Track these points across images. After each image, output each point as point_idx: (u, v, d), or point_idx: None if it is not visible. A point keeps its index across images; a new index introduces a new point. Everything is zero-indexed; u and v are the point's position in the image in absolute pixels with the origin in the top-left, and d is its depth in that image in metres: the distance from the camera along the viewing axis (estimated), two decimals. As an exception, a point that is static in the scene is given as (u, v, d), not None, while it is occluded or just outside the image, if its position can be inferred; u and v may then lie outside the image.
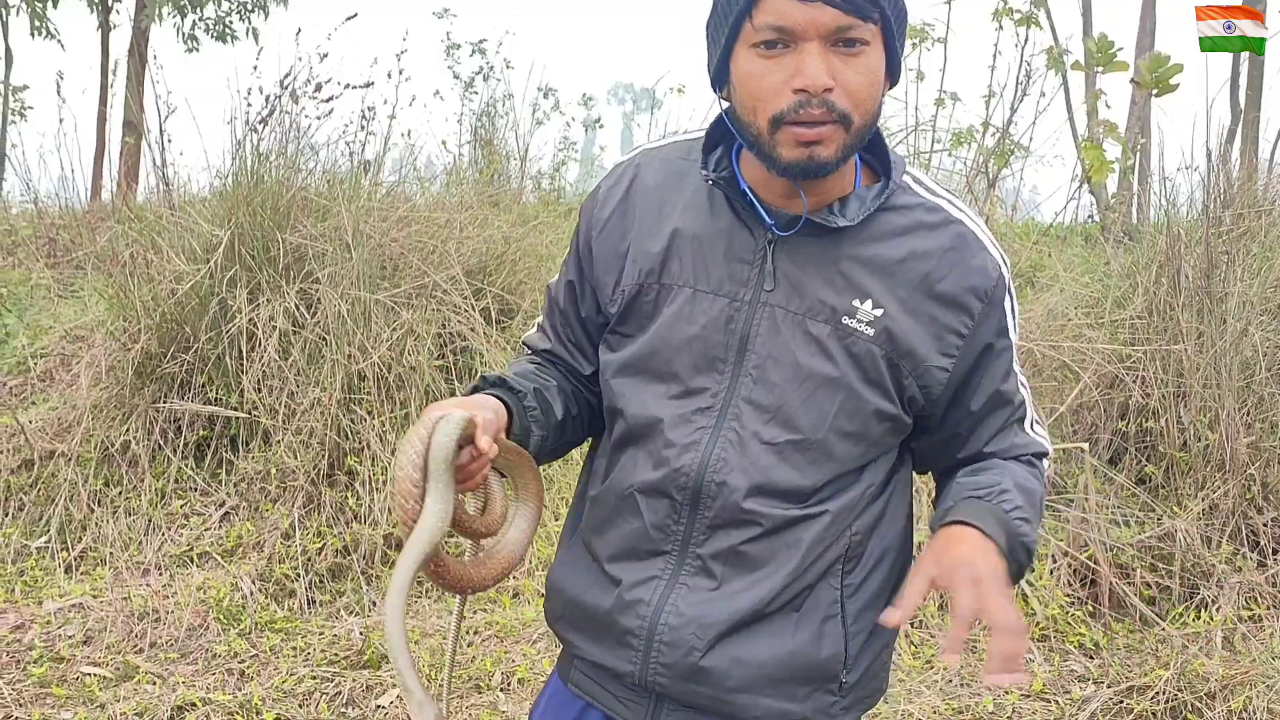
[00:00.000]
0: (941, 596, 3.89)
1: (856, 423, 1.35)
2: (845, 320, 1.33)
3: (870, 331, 1.33)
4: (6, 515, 4.61)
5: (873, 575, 1.42)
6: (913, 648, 3.70)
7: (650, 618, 1.40)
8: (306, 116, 5.91)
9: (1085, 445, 3.98)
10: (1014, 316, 1.40)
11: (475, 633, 3.81)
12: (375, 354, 4.47)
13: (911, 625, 3.80)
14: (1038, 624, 3.77)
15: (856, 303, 1.33)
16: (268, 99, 5.92)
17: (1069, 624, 3.78)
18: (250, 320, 4.65)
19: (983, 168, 6.51)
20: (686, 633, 1.38)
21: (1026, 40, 6.45)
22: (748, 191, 1.35)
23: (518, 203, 6.09)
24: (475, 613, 3.97)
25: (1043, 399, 4.14)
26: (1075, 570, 3.92)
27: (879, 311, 1.33)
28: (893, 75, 1.33)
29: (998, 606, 1.16)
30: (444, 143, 6.50)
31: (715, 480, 1.36)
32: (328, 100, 6.03)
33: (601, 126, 8.94)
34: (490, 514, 1.38)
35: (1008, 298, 1.38)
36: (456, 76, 6.92)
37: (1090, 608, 3.87)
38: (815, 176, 1.28)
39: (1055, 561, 3.94)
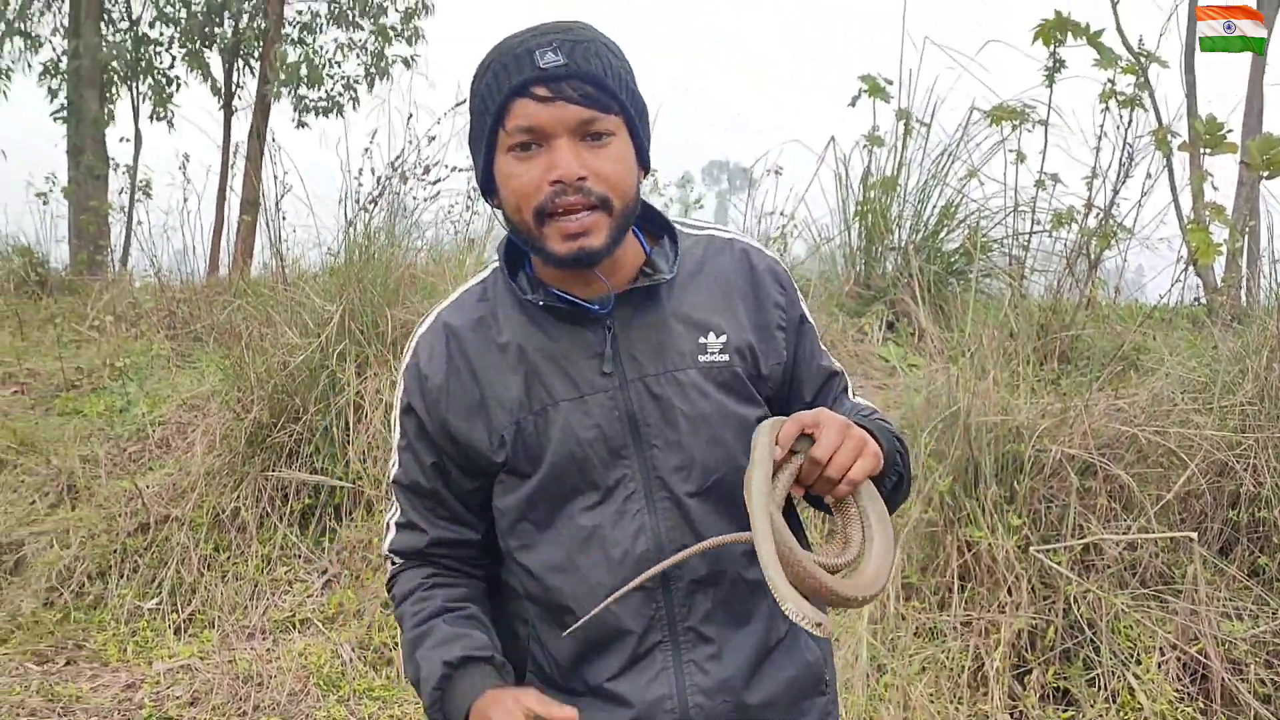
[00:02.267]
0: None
1: (747, 440, 1.40)
2: (702, 358, 1.44)
3: (724, 358, 1.45)
4: (122, 577, 4.79)
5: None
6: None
7: (678, 708, 1.44)
8: (414, 198, 6.15)
9: (1194, 535, 3.87)
10: (804, 302, 1.55)
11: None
12: (476, 427, 4.57)
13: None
14: (1145, 718, 3.65)
15: (702, 340, 1.45)
16: (378, 180, 6.18)
17: (1178, 720, 3.65)
18: (357, 393, 4.81)
19: (1084, 249, 6.44)
20: (719, 703, 1.44)
21: (1130, 122, 6.41)
22: (562, 295, 1.44)
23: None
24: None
25: (1148, 486, 4.04)
26: (1185, 664, 3.78)
27: (723, 338, 1.45)
28: (643, 163, 1.44)
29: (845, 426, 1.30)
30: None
31: (674, 550, 1.41)
32: (434, 182, 6.27)
33: (700, 207, 9.09)
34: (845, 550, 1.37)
35: (795, 290, 1.55)
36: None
37: (1201, 704, 3.73)
38: (592, 265, 1.38)
39: (1164, 655, 3.81)
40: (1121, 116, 6.43)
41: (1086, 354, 5.75)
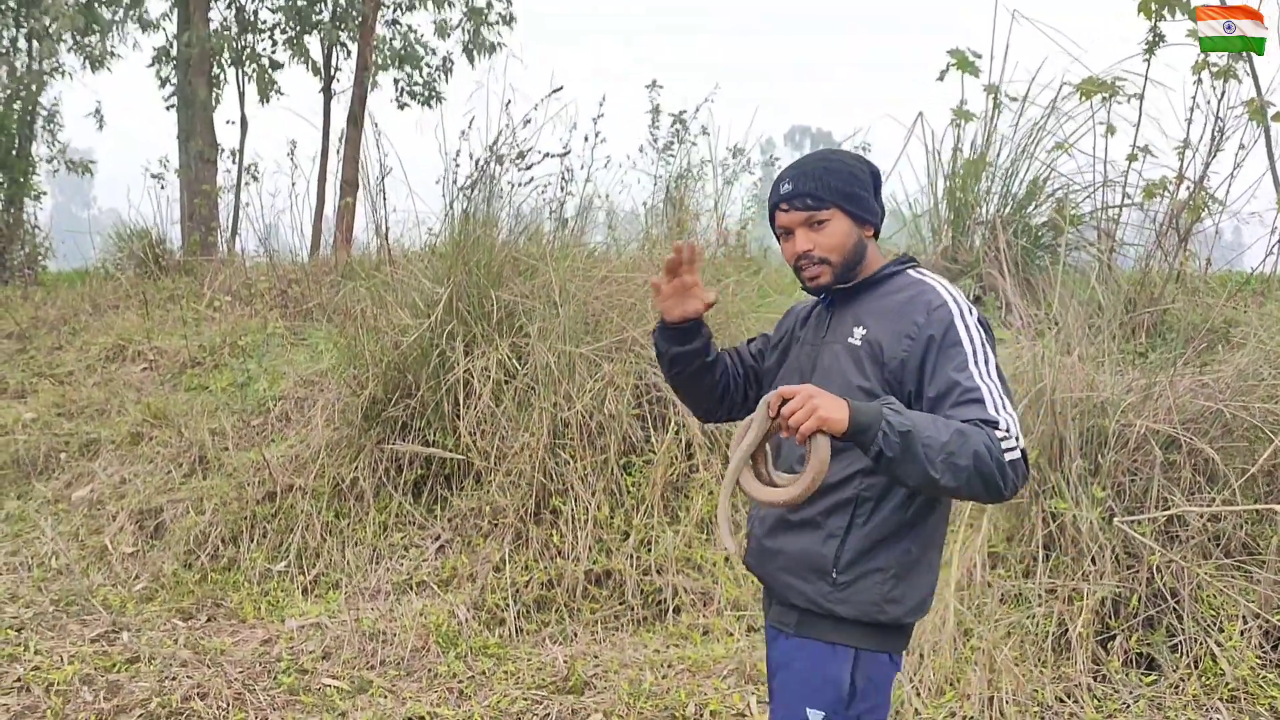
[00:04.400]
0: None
1: (848, 391, 2.10)
2: (849, 340, 2.17)
3: (859, 343, 2.16)
4: (253, 541, 5.18)
5: (873, 525, 2.11)
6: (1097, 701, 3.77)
7: (750, 519, 2.31)
8: (510, 183, 6.39)
9: (1278, 507, 3.97)
10: (969, 332, 2.08)
11: (669, 666, 4.09)
12: (579, 403, 4.84)
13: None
14: (1227, 685, 3.77)
15: (855, 329, 2.18)
16: (477, 163, 6.44)
17: (1260, 686, 3.77)
18: (466, 370, 5.10)
19: (1174, 222, 6.45)
20: (760, 527, 2.26)
21: (1223, 94, 6.38)
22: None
23: (711, 263, 6.42)
24: (669, 648, 4.24)
25: (1232, 460, 4.14)
26: (1267, 632, 3.90)
27: (864, 331, 2.16)
28: (868, 225, 2.23)
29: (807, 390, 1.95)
30: (645, 204, 6.89)
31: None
32: (528, 167, 6.50)
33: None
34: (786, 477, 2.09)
35: (958, 317, 2.09)
36: (655, 141, 7.33)
37: (1283, 671, 3.84)
38: (823, 292, 2.25)
39: (1246, 623, 3.92)
40: (1215, 88, 6.41)
41: (1176, 328, 5.80)
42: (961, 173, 7.15)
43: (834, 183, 2.19)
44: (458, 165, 6.38)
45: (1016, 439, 1.98)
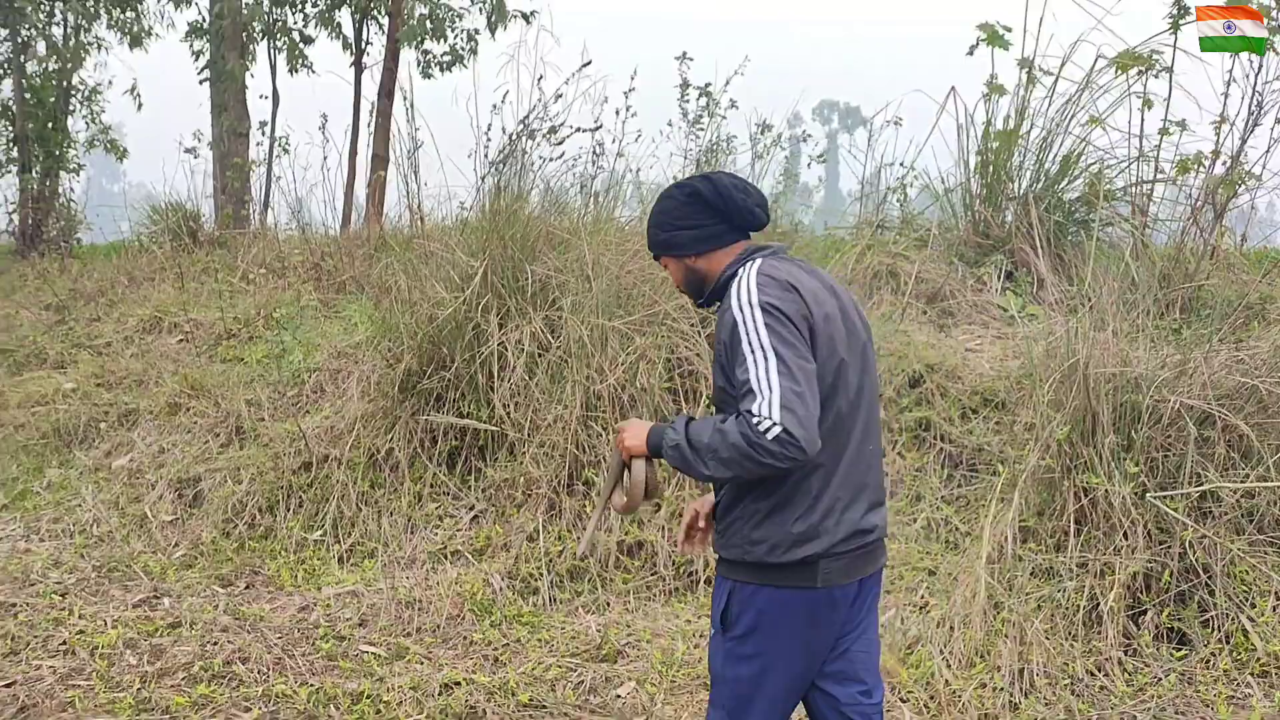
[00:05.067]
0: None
1: (717, 390, 2.47)
2: (715, 348, 2.44)
3: (716, 349, 2.42)
4: (289, 510, 5.26)
5: (733, 486, 2.44)
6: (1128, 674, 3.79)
7: None
8: (541, 157, 6.40)
9: (1312, 483, 3.96)
10: (746, 326, 2.30)
11: (701, 635, 4.14)
12: (611, 376, 4.88)
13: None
14: (1258, 659, 3.79)
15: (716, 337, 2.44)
16: (509, 138, 6.45)
17: (1291, 661, 3.78)
18: (501, 343, 5.15)
19: (1210, 197, 6.40)
20: None
21: (1260, 68, 6.31)
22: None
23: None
24: (700, 618, 4.29)
25: (1267, 436, 4.14)
26: (1299, 608, 3.91)
27: (716, 337, 2.41)
28: (694, 255, 2.51)
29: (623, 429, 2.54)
30: (675, 178, 6.87)
31: None
32: (560, 142, 6.52)
33: (807, 140, 9.08)
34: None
35: (737, 312, 2.32)
36: (685, 115, 7.31)
37: (1315, 646, 3.85)
38: (700, 307, 2.68)
39: (1278, 599, 3.93)
40: (1251, 62, 6.33)
41: (1210, 304, 5.77)
42: (994, 147, 7.11)
43: (652, 238, 2.60)
44: (489, 139, 6.42)
45: (769, 416, 2.19)
